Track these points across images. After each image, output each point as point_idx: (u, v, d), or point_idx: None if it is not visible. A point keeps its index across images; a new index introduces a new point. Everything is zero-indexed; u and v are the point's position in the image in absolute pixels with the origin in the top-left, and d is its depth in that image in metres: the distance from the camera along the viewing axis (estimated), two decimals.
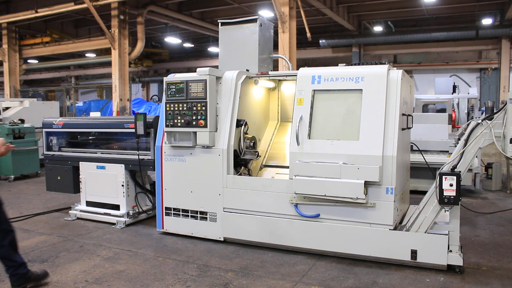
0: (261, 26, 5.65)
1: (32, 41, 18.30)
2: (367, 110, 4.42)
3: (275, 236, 4.84)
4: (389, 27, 20.17)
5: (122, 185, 5.96)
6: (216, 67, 5.39)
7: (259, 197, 4.89)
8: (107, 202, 6.17)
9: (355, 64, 4.90)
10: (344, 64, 4.99)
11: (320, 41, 19.61)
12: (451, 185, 4.06)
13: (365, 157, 4.32)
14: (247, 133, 5.35)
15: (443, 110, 12.65)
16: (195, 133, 5.07)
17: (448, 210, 4.19)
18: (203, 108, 4.97)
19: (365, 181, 4.26)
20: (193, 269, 4.40)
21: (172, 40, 21.90)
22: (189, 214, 5.31)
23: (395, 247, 4.33)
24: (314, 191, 4.46)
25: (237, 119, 5.08)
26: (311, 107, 4.68)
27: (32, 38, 18.41)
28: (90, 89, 31.51)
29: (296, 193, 4.59)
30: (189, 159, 5.23)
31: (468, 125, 4.33)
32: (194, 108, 5.01)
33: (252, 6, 16.34)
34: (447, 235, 4.19)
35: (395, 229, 4.39)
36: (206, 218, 5.21)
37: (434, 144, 7.91)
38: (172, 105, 5.14)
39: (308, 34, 13.09)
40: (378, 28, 19.71)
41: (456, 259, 4.16)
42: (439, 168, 4.27)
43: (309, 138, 4.61)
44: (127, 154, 6.06)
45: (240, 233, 5.04)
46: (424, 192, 4.56)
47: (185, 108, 5.06)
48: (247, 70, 5.47)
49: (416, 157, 6.09)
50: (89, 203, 6.34)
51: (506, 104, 4.04)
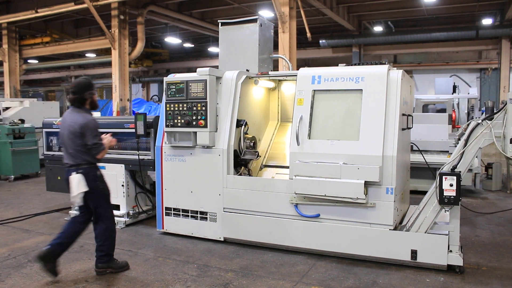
0: (261, 26, 5.66)
1: (32, 41, 18.29)
2: (367, 110, 4.43)
3: (275, 236, 4.84)
4: (389, 27, 20.15)
5: (122, 185, 5.96)
6: (216, 67, 5.39)
7: (259, 197, 4.89)
8: None
9: (355, 64, 4.90)
10: (344, 64, 4.99)
11: (320, 41, 19.59)
12: (451, 185, 4.06)
13: (365, 157, 4.32)
14: (247, 133, 5.35)
15: (443, 110, 12.63)
16: (195, 133, 5.07)
17: (448, 210, 4.19)
18: (203, 108, 4.97)
19: (365, 181, 4.26)
20: (193, 269, 4.40)
21: (172, 40, 21.89)
22: (189, 214, 5.31)
23: (395, 247, 4.33)
24: (314, 191, 4.46)
25: (237, 119, 5.08)
26: (311, 107, 4.68)
27: (32, 38, 18.40)
28: None
29: (296, 193, 4.59)
30: (189, 159, 5.23)
31: (468, 125, 4.33)
32: (194, 108, 5.01)
33: (252, 6, 16.33)
34: (447, 235, 4.19)
35: (395, 229, 4.40)
36: (206, 218, 5.21)
37: (434, 144, 7.91)
38: (172, 105, 5.14)
39: (308, 34, 13.09)
40: (378, 28, 19.70)
41: (456, 259, 4.16)
42: (439, 168, 4.27)
43: (309, 138, 4.61)
44: (127, 154, 6.06)
45: (240, 233, 5.04)
46: (424, 192, 4.56)
47: (185, 108, 5.06)
48: (247, 70, 5.48)
49: (416, 157, 6.10)
50: None
51: (506, 104, 4.04)
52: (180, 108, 5.08)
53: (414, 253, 4.25)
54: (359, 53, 20.64)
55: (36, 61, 22.77)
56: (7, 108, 11.63)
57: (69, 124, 4.09)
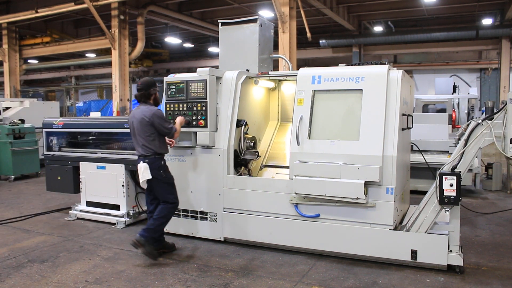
0: (261, 26, 5.66)
1: (32, 41, 18.30)
2: (367, 110, 4.42)
3: (275, 236, 4.84)
4: (389, 27, 20.16)
5: (122, 185, 5.96)
6: (216, 67, 5.39)
7: (259, 197, 4.89)
8: (107, 202, 6.17)
9: (355, 64, 4.90)
10: (344, 64, 4.99)
11: (320, 41, 19.61)
12: (451, 185, 4.06)
13: (365, 157, 4.32)
14: (247, 133, 5.35)
15: (443, 110, 12.62)
16: (195, 133, 5.07)
17: (448, 210, 4.19)
18: (203, 108, 4.97)
19: (365, 181, 4.26)
20: (193, 269, 4.40)
21: (172, 40, 21.90)
22: (189, 214, 5.31)
23: (395, 247, 4.33)
24: (314, 191, 4.46)
25: (237, 119, 5.08)
26: (311, 107, 4.68)
27: (32, 38, 18.41)
28: (90, 89, 31.50)
29: (296, 193, 4.59)
30: (189, 159, 5.23)
31: (468, 125, 4.33)
32: (194, 108, 5.01)
33: (252, 6, 16.34)
34: (447, 235, 4.19)
35: (395, 229, 4.39)
36: (206, 218, 5.21)
37: (434, 144, 7.91)
38: (172, 105, 5.14)
39: (308, 34, 13.10)
40: (378, 28, 19.71)
41: (456, 259, 4.16)
42: (439, 168, 4.27)
43: (309, 138, 4.61)
44: (127, 154, 6.06)
45: (240, 233, 5.04)
46: (424, 192, 4.56)
47: (185, 108, 5.06)
48: (247, 70, 5.47)
49: (416, 157, 6.09)
50: (89, 203, 6.35)
51: (506, 104, 4.04)
52: (180, 108, 5.08)
53: (414, 253, 4.25)
54: (359, 53, 20.66)
55: (36, 61, 22.78)
56: (7, 108, 11.62)
57: (140, 117, 4.64)
